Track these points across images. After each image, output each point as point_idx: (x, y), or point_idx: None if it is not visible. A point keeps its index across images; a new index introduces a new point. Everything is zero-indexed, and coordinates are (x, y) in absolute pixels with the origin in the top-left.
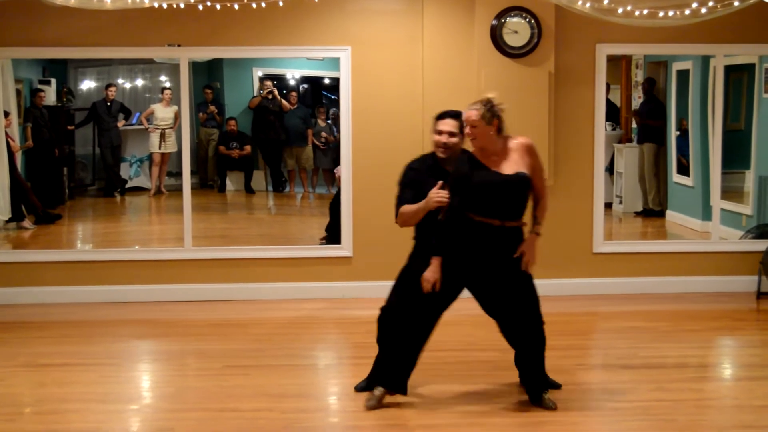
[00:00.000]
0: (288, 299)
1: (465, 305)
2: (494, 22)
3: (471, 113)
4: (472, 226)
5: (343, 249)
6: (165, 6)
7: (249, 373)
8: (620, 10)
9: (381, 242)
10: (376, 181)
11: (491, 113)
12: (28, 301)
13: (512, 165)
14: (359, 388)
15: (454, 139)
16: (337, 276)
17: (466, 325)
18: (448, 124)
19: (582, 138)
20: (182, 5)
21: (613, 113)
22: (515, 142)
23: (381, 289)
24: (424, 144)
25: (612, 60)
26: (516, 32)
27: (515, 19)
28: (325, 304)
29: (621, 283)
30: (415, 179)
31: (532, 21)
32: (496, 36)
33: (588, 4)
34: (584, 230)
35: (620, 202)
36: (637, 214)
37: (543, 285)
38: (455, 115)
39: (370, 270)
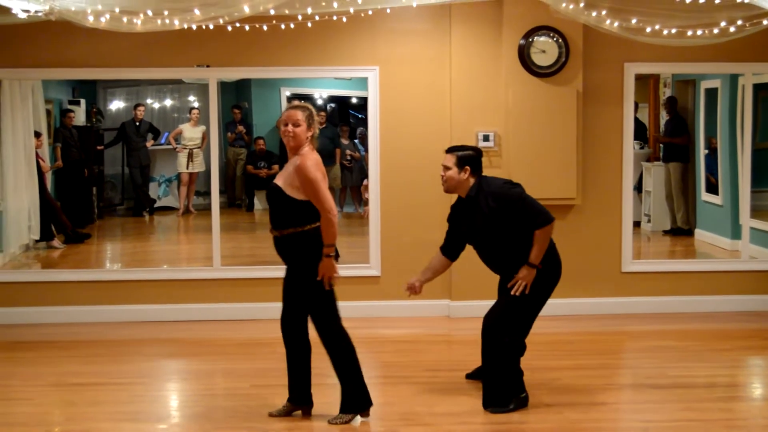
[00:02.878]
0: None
1: None
2: (522, 41)
3: (297, 112)
4: None
5: (371, 268)
6: (194, 27)
7: (277, 392)
8: (648, 29)
9: (409, 261)
10: (403, 200)
11: (312, 117)
12: (58, 320)
13: (282, 175)
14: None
15: (448, 173)
16: (365, 295)
17: None
18: (444, 159)
19: (610, 157)
20: (211, 26)
21: (640, 132)
22: (297, 157)
23: (409, 308)
24: None
25: (640, 79)
26: (544, 51)
27: (543, 39)
28: (353, 323)
29: (650, 303)
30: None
31: (560, 40)
32: (523, 55)
33: (616, 23)
34: (613, 249)
35: (648, 221)
36: (666, 232)
37: (571, 304)
38: (449, 150)
39: (398, 289)
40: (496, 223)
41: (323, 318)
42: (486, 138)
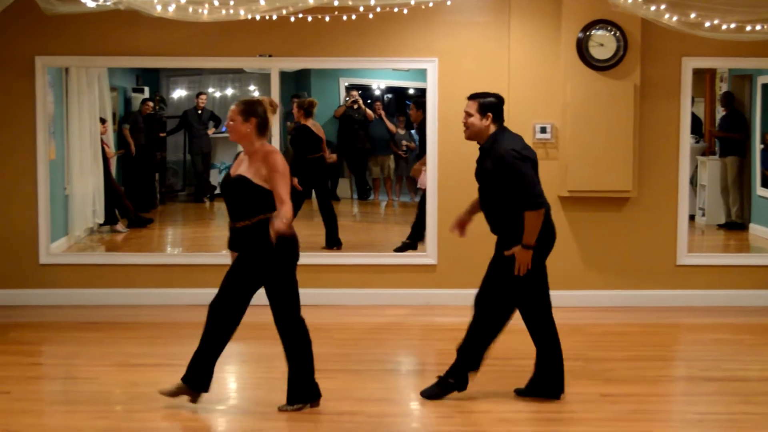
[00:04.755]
0: (372, 305)
1: None
2: (580, 35)
3: (232, 108)
4: None
5: (428, 257)
6: (258, 18)
7: (334, 377)
8: (707, 24)
9: (465, 250)
10: (460, 190)
11: (249, 111)
12: (121, 302)
13: (245, 167)
14: (426, 395)
15: (470, 120)
16: (422, 283)
17: None
18: (467, 105)
19: (666, 150)
20: (275, 17)
21: (696, 126)
22: (264, 149)
23: (465, 297)
24: None
25: (696, 73)
26: (602, 45)
27: (601, 32)
28: (409, 310)
29: (704, 296)
30: None
31: (618, 34)
32: (582, 49)
33: (674, 18)
34: (668, 242)
35: (703, 215)
36: (720, 226)
37: (626, 296)
38: (471, 96)
39: (454, 278)
40: (493, 183)
41: (284, 307)
42: (543, 130)
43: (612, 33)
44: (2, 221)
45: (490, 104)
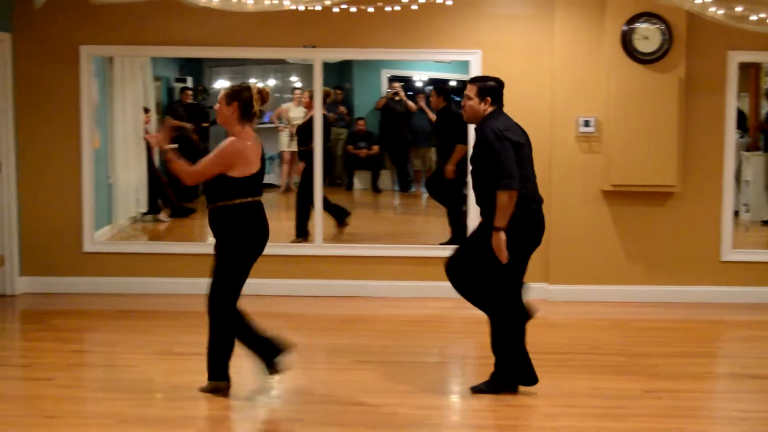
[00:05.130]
0: (414, 297)
1: (591, 309)
2: (625, 27)
3: (221, 92)
4: None
5: None
6: (301, 8)
7: (376, 368)
8: (753, 18)
9: None
10: None
11: (233, 96)
12: (163, 291)
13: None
14: (476, 390)
15: (468, 103)
16: None
17: (588, 328)
18: (467, 89)
19: (711, 145)
20: (318, 8)
21: (741, 121)
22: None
23: None
24: (552, 145)
25: (741, 67)
26: (647, 38)
27: (646, 25)
28: (452, 303)
29: (749, 293)
30: None
31: (663, 27)
32: (626, 42)
33: (720, 11)
34: (712, 237)
35: (747, 211)
36: (764, 223)
37: (670, 291)
38: (471, 80)
39: None
40: (477, 163)
41: (219, 293)
42: (587, 123)
43: (657, 26)
44: (48, 210)
45: (489, 88)
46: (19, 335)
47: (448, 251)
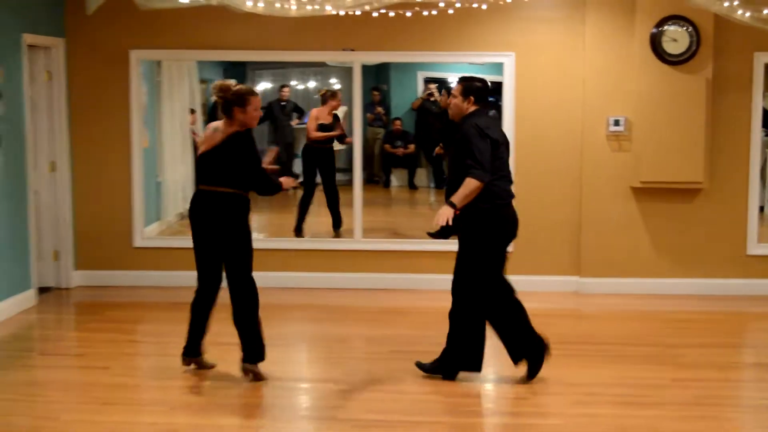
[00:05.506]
0: (449, 290)
1: (620, 301)
2: (654, 30)
3: None
4: None
5: None
6: (342, 13)
7: (414, 358)
8: None
9: (540, 239)
10: (535, 181)
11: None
12: None
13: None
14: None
15: (453, 100)
16: None
17: (618, 320)
18: (454, 88)
19: (737, 143)
20: (358, 12)
21: (766, 119)
22: None
23: (539, 283)
24: (583, 144)
25: (767, 67)
26: (675, 40)
27: (674, 28)
28: None
29: None
30: None
31: (691, 29)
32: (655, 44)
33: (747, 14)
34: (738, 232)
35: None
36: None
37: (697, 284)
38: (459, 79)
39: (529, 265)
40: (456, 157)
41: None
42: (617, 123)
43: (685, 29)
44: (100, 207)
45: (474, 88)
46: (74, 326)
47: None
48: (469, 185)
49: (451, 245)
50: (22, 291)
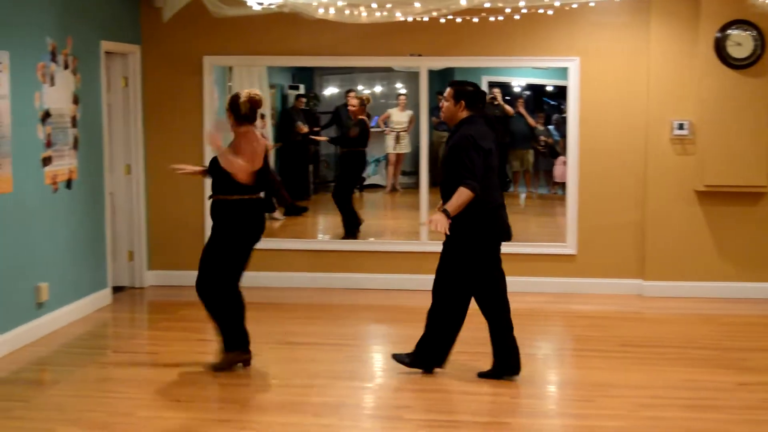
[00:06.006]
0: (513, 292)
1: (683, 304)
2: (718, 34)
3: None
4: None
5: (567, 247)
6: (410, 19)
7: (479, 359)
8: None
9: (604, 241)
10: (600, 183)
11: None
12: (279, 284)
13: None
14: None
15: (445, 104)
16: (561, 272)
17: (681, 323)
18: (446, 92)
19: None
20: (426, 18)
21: None
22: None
23: (603, 286)
24: (647, 147)
25: None
26: (739, 44)
27: (738, 32)
28: (549, 298)
29: None
30: None
31: (755, 33)
32: (719, 48)
33: None
34: None
35: None
36: None
37: (760, 288)
38: (449, 83)
39: (593, 267)
40: (448, 165)
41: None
42: (681, 126)
43: (749, 33)
44: (173, 208)
45: (463, 92)
46: (147, 325)
47: (551, 248)
48: (463, 195)
49: (520, 248)
50: (98, 290)
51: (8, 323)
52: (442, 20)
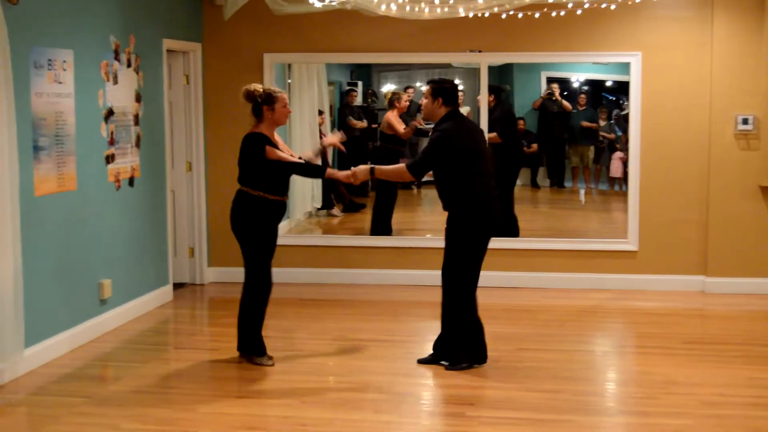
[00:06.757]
0: (574, 289)
1: (747, 301)
2: None
3: None
4: None
5: (629, 243)
6: (471, 15)
7: (539, 356)
8: None
9: (666, 237)
10: (662, 179)
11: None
12: (337, 281)
13: None
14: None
15: (424, 102)
16: (622, 269)
17: (745, 320)
18: (425, 90)
19: None
20: (487, 14)
21: None
22: None
23: (665, 282)
24: (710, 143)
25: None
26: None
27: None
28: (612, 294)
29: None
30: None
31: None
32: None
33: None
34: None
35: None
36: None
37: None
38: (428, 81)
39: (654, 264)
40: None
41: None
42: (745, 121)
43: None
44: (228, 205)
45: (440, 89)
46: (207, 321)
47: (612, 244)
48: (399, 169)
49: (581, 244)
50: (160, 287)
51: (72, 320)
52: (503, 16)
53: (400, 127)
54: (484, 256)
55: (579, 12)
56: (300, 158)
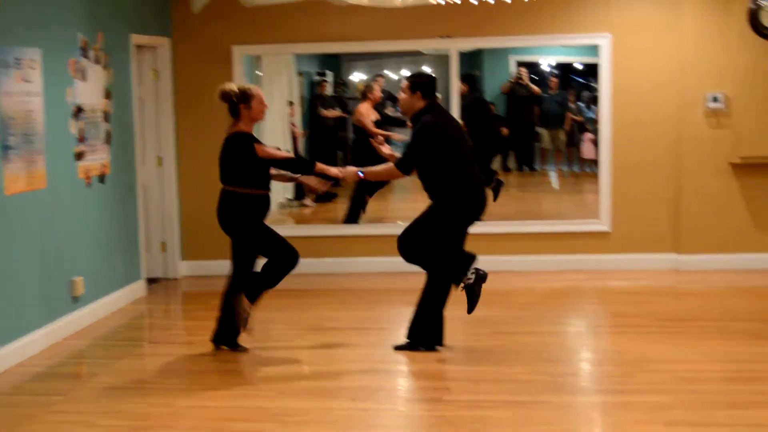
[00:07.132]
0: (548, 271)
1: (720, 277)
2: (752, 5)
3: None
4: None
5: (601, 224)
6: (442, 2)
7: (515, 339)
8: None
9: (638, 217)
10: (633, 160)
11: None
12: (310, 270)
13: None
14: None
15: (402, 96)
16: (594, 249)
17: (719, 296)
18: (402, 84)
19: None
20: (458, 0)
21: None
22: None
23: (637, 261)
24: (681, 123)
25: None
26: None
27: None
28: (585, 275)
29: None
30: None
31: None
32: (753, 19)
33: None
34: None
35: None
36: None
37: None
38: (406, 77)
39: (627, 244)
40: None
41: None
42: (715, 99)
43: None
44: (204, 199)
45: (418, 83)
46: (181, 315)
47: (584, 225)
48: (389, 168)
49: (553, 226)
50: (132, 282)
51: (45, 318)
52: (474, 1)
53: (370, 123)
54: (462, 241)
55: None
56: (288, 152)
